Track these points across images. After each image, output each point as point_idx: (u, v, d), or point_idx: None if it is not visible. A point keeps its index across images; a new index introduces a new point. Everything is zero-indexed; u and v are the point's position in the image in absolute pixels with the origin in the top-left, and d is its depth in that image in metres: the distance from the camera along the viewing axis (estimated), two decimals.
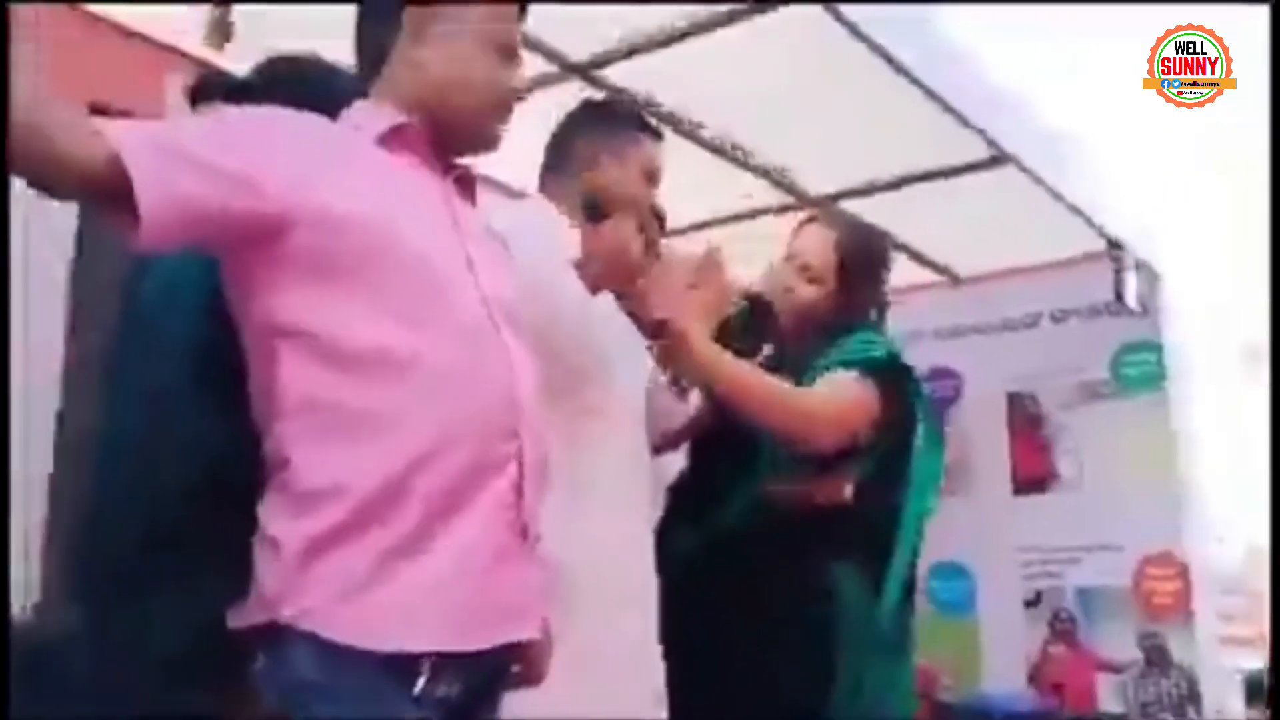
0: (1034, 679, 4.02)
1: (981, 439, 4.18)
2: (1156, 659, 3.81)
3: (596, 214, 1.63)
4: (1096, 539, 3.96)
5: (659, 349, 1.73)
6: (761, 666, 1.81)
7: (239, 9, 2.33)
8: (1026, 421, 4.22)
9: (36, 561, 2.01)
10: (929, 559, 2.07)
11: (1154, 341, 3.98)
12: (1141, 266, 3.82)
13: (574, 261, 1.57)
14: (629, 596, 1.65)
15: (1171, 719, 3.75)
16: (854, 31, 2.48)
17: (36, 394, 2.03)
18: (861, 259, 2.04)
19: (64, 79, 1.00)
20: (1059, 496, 4.11)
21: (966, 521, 3.77)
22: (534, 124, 1.54)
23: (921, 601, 2.08)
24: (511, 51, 1.31)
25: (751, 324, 1.99)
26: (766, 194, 3.49)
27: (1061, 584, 4.03)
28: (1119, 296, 3.73)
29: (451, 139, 1.28)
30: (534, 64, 2.62)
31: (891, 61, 2.61)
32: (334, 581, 1.04)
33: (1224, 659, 4.12)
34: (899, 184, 3.40)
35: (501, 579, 1.14)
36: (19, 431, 1.57)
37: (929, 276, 4.28)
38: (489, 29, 1.28)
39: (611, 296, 1.66)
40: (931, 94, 2.77)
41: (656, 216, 1.80)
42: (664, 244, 1.74)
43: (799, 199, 3.48)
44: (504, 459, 1.15)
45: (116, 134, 0.98)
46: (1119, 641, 3.89)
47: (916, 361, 2.19)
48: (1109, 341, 4.05)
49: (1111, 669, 3.90)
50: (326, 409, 1.08)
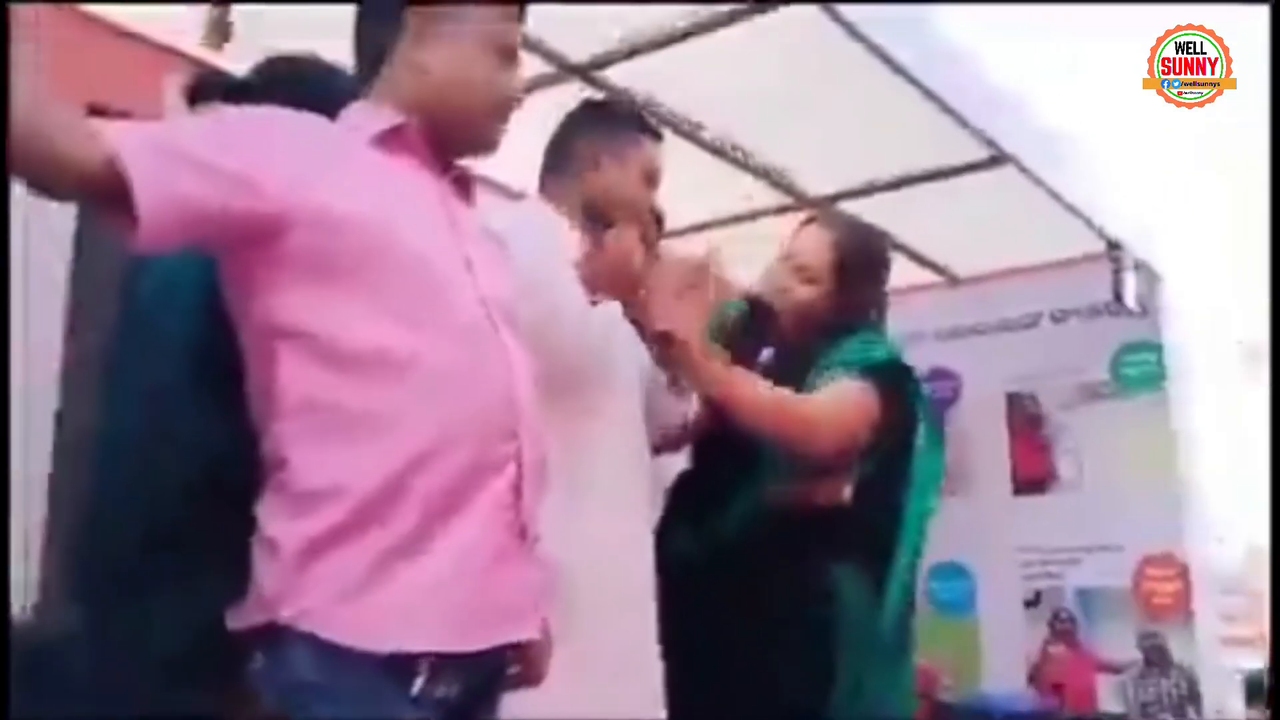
0: (1034, 679, 4.01)
1: (981, 439, 4.17)
2: (1156, 659, 3.80)
3: (599, 223, 1.63)
4: (1096, 539, 3.96)
5: (662, 358, 1.74)
6: (761, 667, 1.81)
7: (238, 9, 2.33)
8: (1026, 422, 4.22)
9: (36, 561, 2.01)
10: (929, 559, 2.06)
11: (1154, 342, 3.98)
12: (1141, 267, 3.82)
13: (577, 270, 1.57)
14: (628, 597, 1.65)
15: (1171, 719, 3.75)
16: (852, 32, 2.48)
17: (36, 394, 2.03)
18: (859, 259, 2.03)
19: (61, 80, 1.00)
20: (1059, 497, 4.11)
21: (966, 522, 3.77)
22: (533, 125, 1.54)
23: (921, 601, 2.08)
24: (511, 54, 1.31)
25: (752, 326, 1.99)
26: (766, 195, 3.48)
27: (1061, 584, 4.03)
28: (1118, 297, 3.73)
29: (451, 141, 1.28)
30: (533, 65, 2.61)
31: (890, 62, 2.61)
32: (333, 582, 1.04)
33: (1224, 659, 4.12)
34: (898, 184, 3.40)
35: (500, 579, 1.14)
36: (19, 431, 1.56)
37: (929, 277, 4.27)
38: (490, 31, 1.28)
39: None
40: (930, 94, 2.76)
41: (655, 217, 1.80)
42: (662, 245, 1.74)
43: (798, 200, 3.48)
44: (503, 459, 1.15)
45: (114, 135, 0.98)
46: (1119, 642, 3.88)
47: (916, 362, 2.19)
48: (1109, 342, 4.05)
49: (1111, 669, 3.89)
50: (325, 409, 1.08)
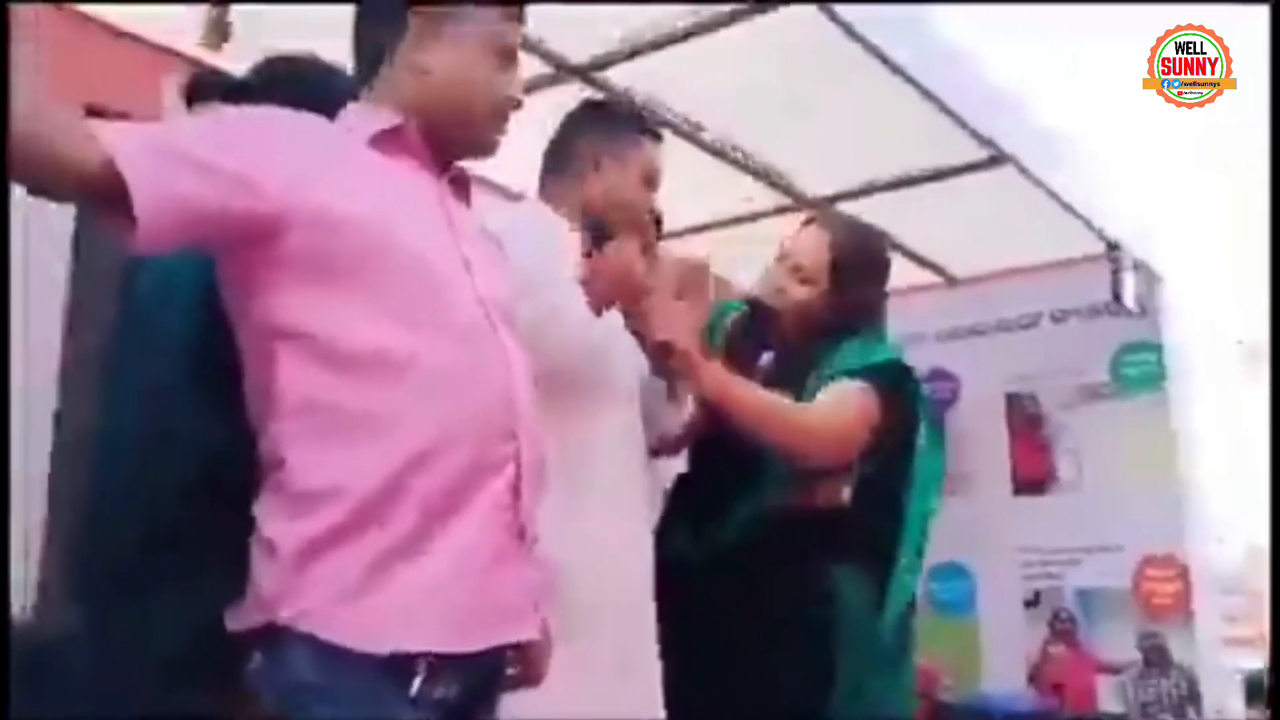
0: (1034, 679, 4.02)
1: (981, 439, 4.17)
2: (1156, 659, 3.80)
3: (600, 231, 1.63)
4: (1096, 539, 3.96)
5: (662, 367, 1.74)
6: (761, 668, 1.81)
7: (237, 9, 2.33)
8: (1026, 422, 4.22)
9: (36, 561, 2.01)
10: (929, 559, 2.06)
11: (1154, 342, 3.98)
12: (1140, 267, 3.82)
13: (579, 281, 1.57)
14: (627, 598, 1.65)
15: (1171, 719, 3.75)
16: (850, 32, 2.48)
17: (36, 394, 2.03)
18: (857, 260, 2.02)
19: (59, 80, 0.99)
20: (1058, 497, 4.11)
21: (966, 522, 3.77)
22: (533, 126, 1.54)
23: (921, 601, 2.08)
24: (511, 55, 1.31)
25: (752, 327, 1.99)
26: (766, 196, 3.48)
27: (1061, 584, 4.03)
28: (1117, 297, 3.73)
29: (450, 142, 1.28)
30: (532, 65, 2.61)
31: (889, 62, 2.61)
32: (331, 583, 1.03)
33: (1224, 659, 4.12)
34: (897, 185, 3.40)
35: (499, 580, 1.14)
36: (19, 431, 1.56)
37: (928, 277, 4.27)
38: (491, 33, 1.28)
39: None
40: (929, 94, 2.76)
41: (654, 219, 1.80)
42: (661, 247, 1.74)
43: (797, 200, 3.47)
44: (502, 460, 1.15)
45: (112, 136, 0.98)
46: (1119, 642, 3.88)
47: (916, 363, 2.19)
48: (1109, 342, 4.05)
49: (1111, 669, 3.89)
50: (324, 410, 1.08)
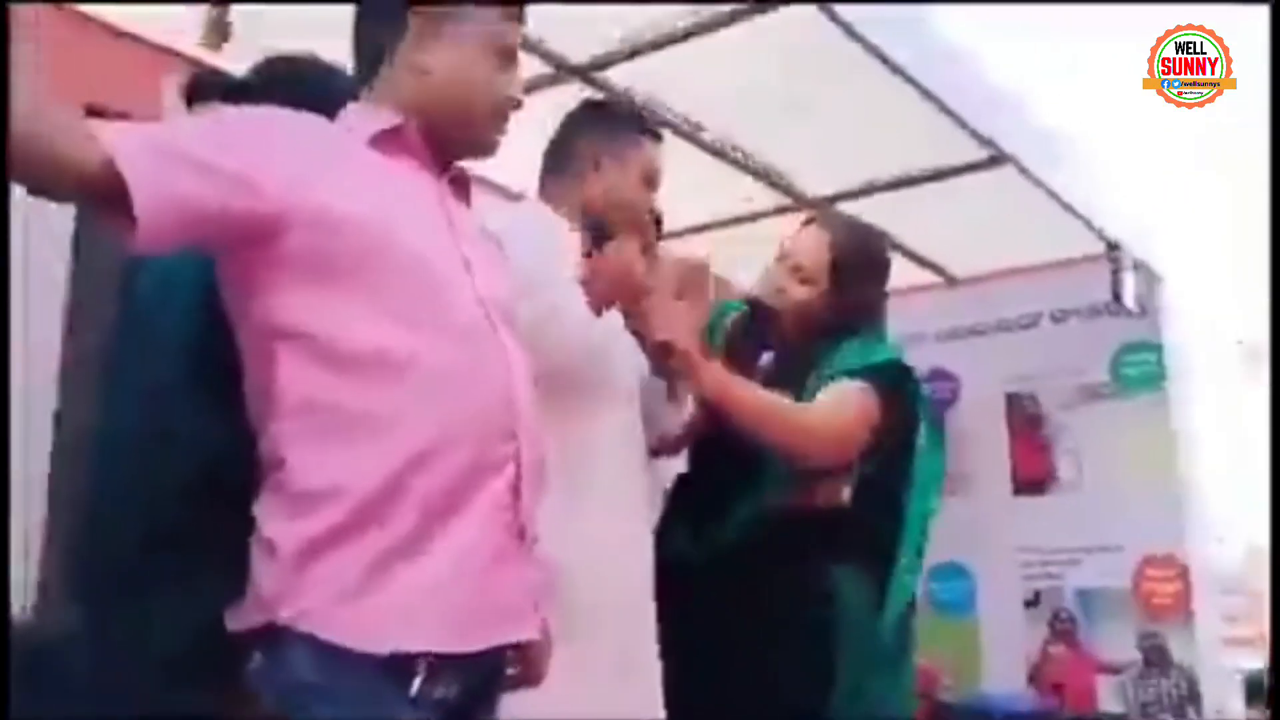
0: (1034, 679, 4.01)
1: (981, 439, 4.17)
2: (1156, 659, 3.80)
3: (600, 231, 1.63)
4: (1096, 540, 3.95)
5: (662, 368, 1.73)
6: (761, 669, 1.81)
7: (236, 9, 2.32)
8: (1026, 422, 4.22)
9: (36, 561, 2.01)
10: (929, 559, 2.06)
11: (1153, 342, 3.98)
12: (1140, 267, 3.82)
13: (580, 282, 1.57)
14: (627, 598, 1.65)
15: (1172, 719, 3.75)
16: (850, 32, 2.47)
17: (36, 394, 2.03)
18: (856, 260, 2.02)
19: (58, 80, 0.99)
20: (1058, 497, 4.11)
21: (966, 522, 3.77)
22: (532, 126, 1.54)
23: (921, 601, 2.08)
24: (512, 56, 1.31)
25: (752, 328, 1.99)
26: (766, 196, 3.47)
27: (1061, 584, 4.02)
28: (1117, 297, 3.73)
29: (450, 142, 1.28)
30: (532, 66, 2.61)
31: (888, 62, 2.60)
32: (332, 583, 1.03)
33: (1224, 659, 4.12)
34: (897, 185, 3.39)
35: (499, 580, 1.14)
36: (19, 431, 1.56)
37: (928, 278, 4.27)
38: (491, 33, 1.28)
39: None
40: (929, 95, 2.76)
41: (654, 219, 1.80)
42: (661, 247, 1.74)
43: (798, 200, 3.47)
44: (502, 460, 1.15)
45: (112, 136, 0.98)
46: (1119, 642, 3.88)
47: (916, 363, 2.19)
48: (1108, 342, 4.04)
49: (1111, 670, 3.89)
50: (324, 410, 1.08)
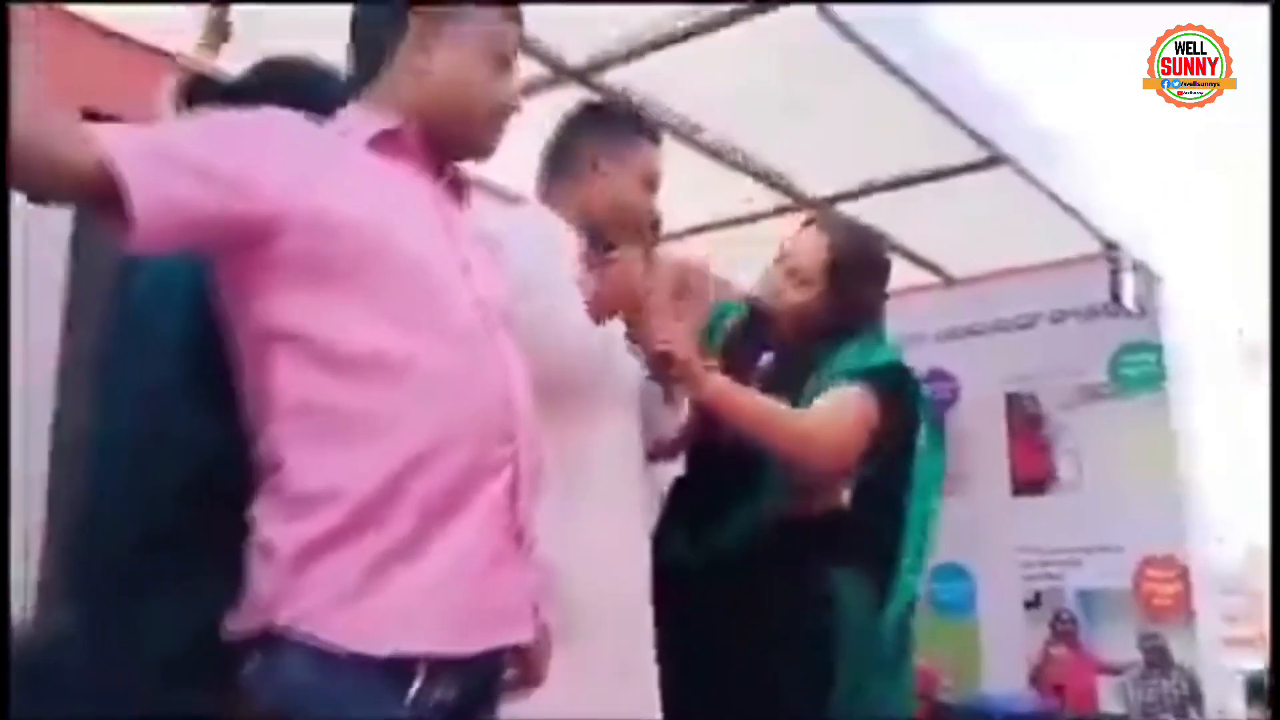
0: (1035, 680, 4.00)
1: (980, 440, 4.16)
2: (1157, 660, 3.79)
3: (600, 238, 1.63)
4: (1096, 540, 3.94)
5: (662, 375, 1.73)
6: (761, 672, 1.81)
7: (236, 8, 2.32)
8: (1026, 422, 4.20)
9: (36, 562, 2.00)
10: (928, 560, 2.06)
11: (1153, 342, 3.96)
12: (1139, 267, 3.82)
13: (581, 292, 1.57)
14: (624, 602, 1.64)
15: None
16: (846, 32, 2.47)
17: (36, 394, 2.03)
18: (854, 262, 2.02)
19: (52, 81, 0.99)
20: (1058, 497, 4.09)
21: (966, 522, 3.76)
22: (530, 128, 1.54)
23: (921, 602, 2.07)
24: (509, 61, 1.31)
25: (751, 330, 1.99)
26: (765, 197, 3.46)
27: (1061, 585, 4.01)
28: (1116, 297, 3.72)
29: (448, 145, 1.28)
30: (530, 68, 2.60)
31: (885, 62, 2.59)
32: (329, 585, 1.03)
33: (1225, 660, 4.11)
34: (895, 185, 3.38)
35: (497, 582, 1.14)
36: (19, 431, 1.56)
37: (926, 278, 4.26)
38: (491, 36, 1.28)
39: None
40: (927, 95, 2.75)
41: (653, 222, 1.79)
42: (660, 249, 1.74)
43: (797, 201, 3.47)
44: (500, 462, 1.15)
45: (108, 139, 0.98)
46: (1119, 643, 3.87)
47: (915, 363, 2.19)
48: (1108, 343, 4.03)
49: (1112, 670, 3.88)
50: (322, 412, 1.08)
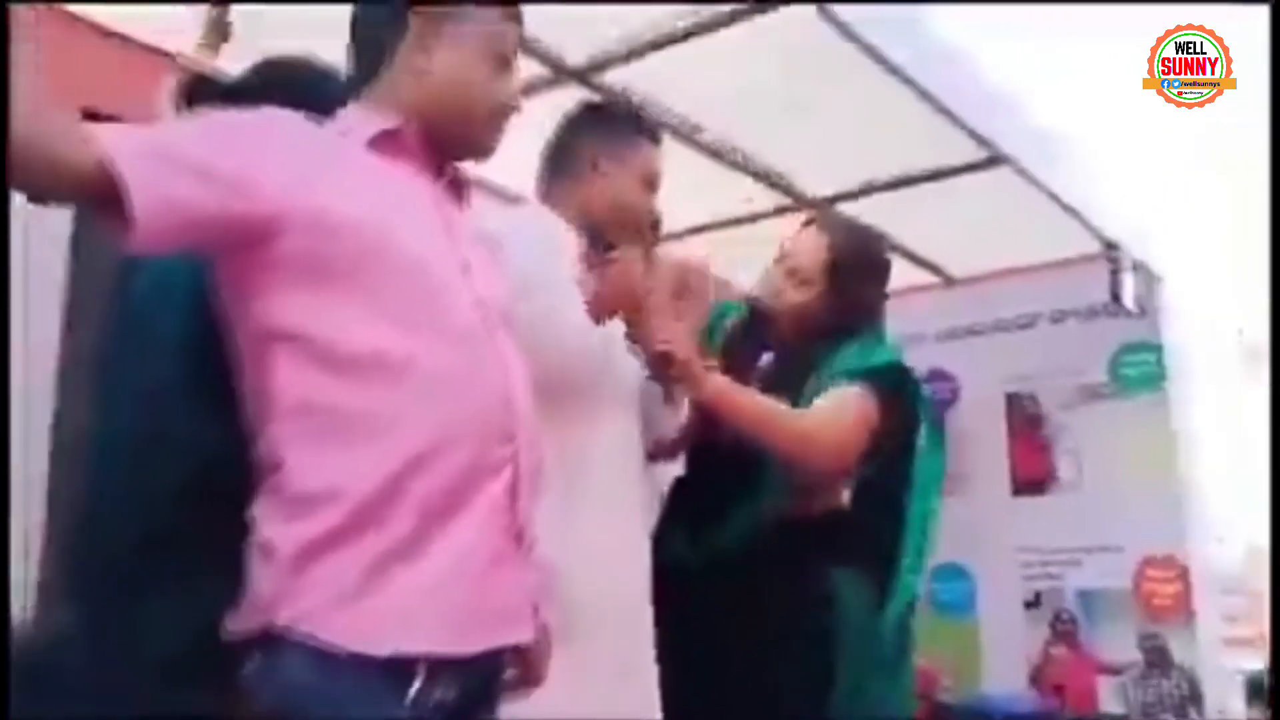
0: (1035, 680, 4.00)
1: (980, 440, 4.15)
2: (1157, 660, 3.79)
3: (601, 240, 1.63)
4: (1096, 540, 3.94)
5: (662, 376, 1.73)
6: (761, 672, 1.81)
7: (236, 8, 2.32)
8: (1026, 422, 4.20)
9: (36, 562, 2.00)
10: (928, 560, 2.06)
11: (1153, 342, 3.96)
12: (1139, 267, 3.81)
13: (581, 293, 1.57)
14: (624, 603, 1.64)
15: None
16: (846, 32, 2.46)
17: (36, 394, 2.03)
18: (854, 262, 2.01)
19: (52, 82, 0.99)
20: (1058, 497, 4.09)
21: (965, 522, 3.76)
22: (530, 128, 1.54)
23: (921, 602, 2.07)
24: (509, 61, 1.31)
25: (751, 330, 1.99)
26: (765, 197, 3.46)
27: (1061, 585, 4.01)
28: (1115, 297, 3.72)
29: (448, 145, 1.28)
30: (530, 68, 2.60)
31: (885, 62, 2.59)
32: (330, 585, 1.03)
33: (1225, 660, 4.11)
34: (895, 185, 3.38)
35: (497, 583, 1.14)
36: (19, 431, 1.56)
37: (926, 278, 4.26)
38: (491, 36, 1.28)
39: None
40: (926, 95, 2.75)
41: (653, 222, 1.79)
42: (659, 250, 1.74)
43: (797, 201, 3.47)
44: (500, 462, 1.15)
45: (108, 139, 0.98)
46: (1119, 643, 3.87)
47: (915, 363, 2.19)
48: (1107, 343, 4.03)
49: (1112, 670, 3.88)
50: (322, 412, 1.08)
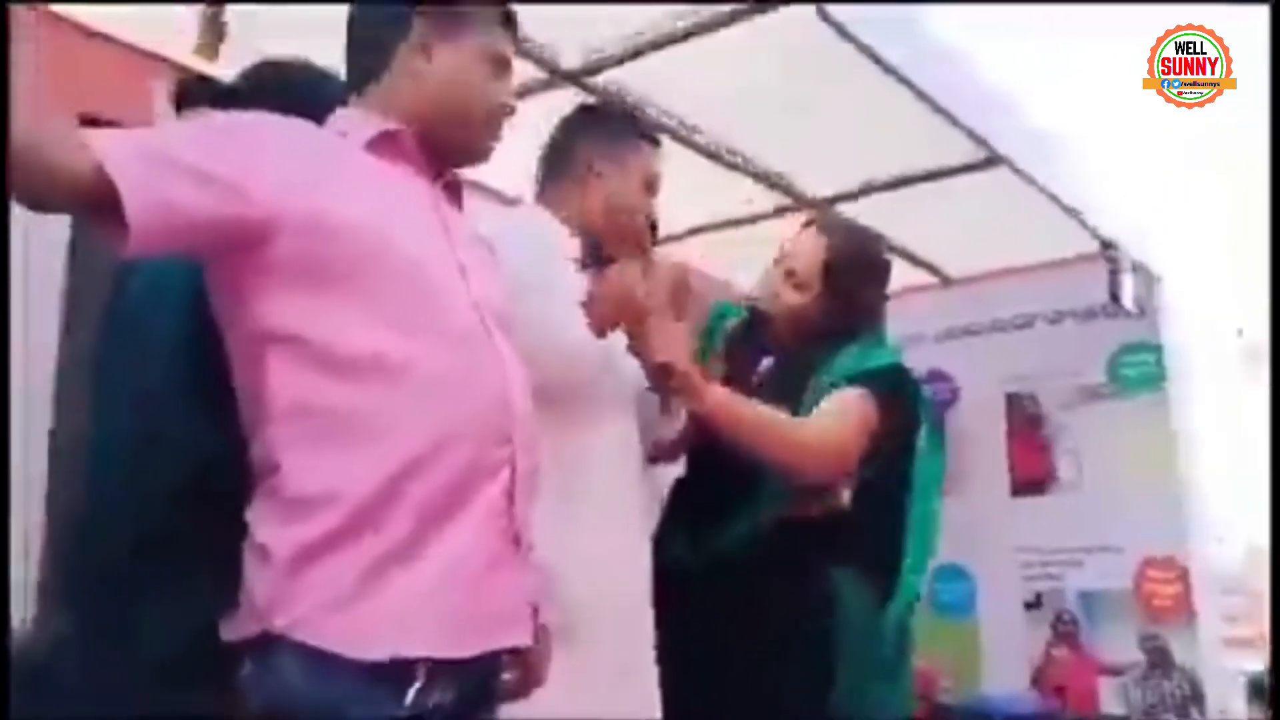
0: (1037, 681, 3.99)
1: (979, 440, 4.14)
2: (1158, 661, 3.78)
3: (600, 250, 1.62)
4: (1097, 540, 3.93)
5: (661, 387, 1.73)
6: (762, 674, 1.80)
7: (233, 10, 2.32)
8: (1025, 422, 4.19)
9: (36, 562, 2.00)
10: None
11: (1153, 342, 3.96)
12: (1138, 267, 3.81)
13: (581, 305, 1.56)
14: (623, 608, 1.63)
15: None
16: (842, 32, 2.46)
17: (36, 395, 2.03)
18: (852, 264, 2.00)
19: (45, 84, 0.99)
20: (1058, 498, 4.08)
21: (965, 523, 3.74)
22: (528, 130, 1.54)
23: (921, 603, 2.07)
24: (506, 64, 1.31)
25: (751, 333, 1.98)
26: (763, 197, 3.45)
27: (1062, 586, 4.00)
28: (1114, 297, 3.72)
29: (446, 149, 1.28)
30: (527, 70, 2.60)
31: (881, 62, 2.58)
32: (326, 589, 1.03)
33: (1226, 660, 4.10)
34: (893, 185, 3.38)
35: (494, 586, 1.14)
36: (19, 432, 1.56)
37: (924, 278, 4.25)
38: (489, 40, 1.28)
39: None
40: (923, 95, 2.75)
41: (650, 225, 1.79)
42: (656, 253, 1.73)
43: (796, 201, 3.46)
44: (497, 465, 1.15)
45: (102, 143, 0.98)
46: (1120, 644, 3.86)
47: (914, 364, 2.19)
48: (1106, 343, 4.02)
49: (1113, 671, 3.87)
50: (319, 414, 1.08)
